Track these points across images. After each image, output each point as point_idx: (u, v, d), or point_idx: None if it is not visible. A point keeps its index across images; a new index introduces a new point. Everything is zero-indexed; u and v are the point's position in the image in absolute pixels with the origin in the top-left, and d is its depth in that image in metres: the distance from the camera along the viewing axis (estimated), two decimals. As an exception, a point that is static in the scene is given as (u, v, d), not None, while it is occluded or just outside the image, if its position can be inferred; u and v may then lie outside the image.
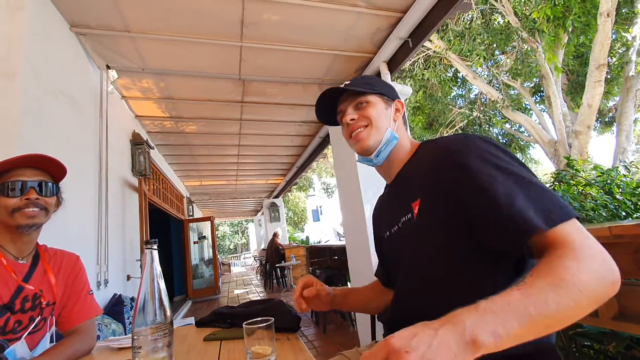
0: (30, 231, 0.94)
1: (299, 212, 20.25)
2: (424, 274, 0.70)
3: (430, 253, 0.69)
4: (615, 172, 2.40)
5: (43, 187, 0.95)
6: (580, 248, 0.50)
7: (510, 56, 6.51)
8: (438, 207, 0.68)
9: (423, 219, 0.71)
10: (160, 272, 0.73)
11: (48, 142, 1.76)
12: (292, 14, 2.25)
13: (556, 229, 0.54)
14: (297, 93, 3.42)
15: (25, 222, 0.91)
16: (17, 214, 0.90)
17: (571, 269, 0.46)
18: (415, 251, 0.72)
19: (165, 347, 0.69)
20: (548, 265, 0.49)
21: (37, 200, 0.92)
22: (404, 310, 0.76)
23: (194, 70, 2.83)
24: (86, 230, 2.20)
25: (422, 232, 0.70)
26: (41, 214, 0.94)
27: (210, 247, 7.68)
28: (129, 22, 2.18)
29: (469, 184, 0.63)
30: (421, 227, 0.71)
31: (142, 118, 3.70)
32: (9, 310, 0.87)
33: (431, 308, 0.68)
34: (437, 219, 0.68)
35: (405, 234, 0.76)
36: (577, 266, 0.47)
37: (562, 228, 0.54)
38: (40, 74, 1.72)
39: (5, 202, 0.89)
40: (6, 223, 0.91)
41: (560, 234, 0.54)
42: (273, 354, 0.73)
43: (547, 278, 0.46)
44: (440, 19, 2.26)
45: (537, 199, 0.58)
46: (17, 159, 0.92)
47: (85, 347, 0.96)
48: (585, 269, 0.47)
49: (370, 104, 0.84)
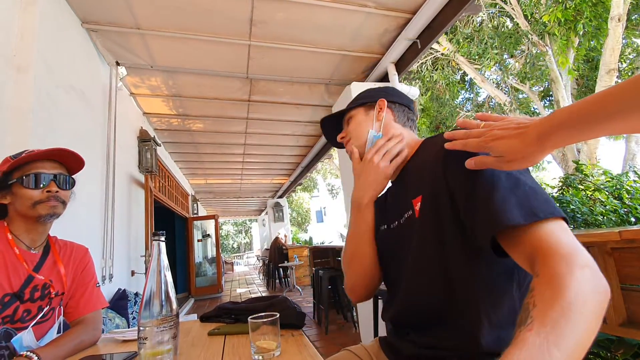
0: (50, 220, 0.97)
1: (303, 212, 20.26)
2: (426, 271, 0.70)
3: (432, 250, 0.69)
4: (625, 178, 2.37)
5: (62, 180, 0.97)
6: (570, 255, 0.46)
7: (519, 60, 6.46)
8: (439, 204, 0.68)
9: (424, 215, 0.71)
10: (168, 265, 0.73)
11: (58, 135, 1.79)
12: (300, 12, 2.25)
13: (538, 226, 0.51)
14: (303, 93, 3.43)
15: (46, 212, 0.93)
16: (39, 206, 0.92)
17: (573, 288, 0.42)
18: (418, 248, 0.72)
19: (170, 339, 0.69)
20: (547, 286, 0.45)
21: (57, 194, 0.95)
22: (408, 306, 0.75)
23: (202, 68, 2.85)
24: (93, 225, 2.23)
25: (424, 228, 0.70)
26: (61, 206, 0.96)
27: (213, 246, 7.71)
28: (139, 19, 2.20)
29: (459, 180, 0.63)
30: (423, 224, 0.71)
31: (149, 115, 3.74)
32: (19, 299, 0.89)
33: (434, 304, 0.69)
34: (438, 216, 0.68)
35: (407, 230, 0.76)
36: (578, 284, 0.43)
37: (545, 226, 0.51)
38: (51, 69, 1.75)
39: (28, 193, 0.91)
40: (26, 214, 0.93)
41: (543, 233, 0.50)
42: (277, 349, 0.73)
43: (554, 308, 0.42)
44: (449, 21, 2.25)
45: (521, 194, 0.55)
46: (42, 152, 0.94)
47: (91, 338, 0.97)
48: (585, 283, 0.44)
49: (352, 118, 0.91)
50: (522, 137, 0.51)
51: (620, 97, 0.40)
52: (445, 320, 0.67)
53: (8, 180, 0.92)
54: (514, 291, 0.63)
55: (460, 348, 0.63)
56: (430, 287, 0.70)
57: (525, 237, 0.52)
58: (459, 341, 0.64)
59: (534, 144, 0.49)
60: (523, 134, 0.51)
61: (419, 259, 0.72)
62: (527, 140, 0.50)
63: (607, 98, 0.41)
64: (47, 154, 0.95)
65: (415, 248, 0.73)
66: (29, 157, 0.93)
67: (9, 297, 0.87)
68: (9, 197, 0.93)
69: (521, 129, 0.51)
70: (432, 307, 0.70)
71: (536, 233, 0.51)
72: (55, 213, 0.95)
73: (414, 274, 0.74)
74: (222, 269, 7.61)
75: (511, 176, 0.59)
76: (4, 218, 0.95)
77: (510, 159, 0.53)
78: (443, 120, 8.68)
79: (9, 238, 0.92)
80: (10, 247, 0.91)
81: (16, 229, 0.94)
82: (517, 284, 0.63)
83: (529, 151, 0.50)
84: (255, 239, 24.91)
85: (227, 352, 0.79)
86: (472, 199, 0.60)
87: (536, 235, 0.51)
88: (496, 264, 0.62)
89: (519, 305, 0.57)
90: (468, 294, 0.64)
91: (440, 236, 0.67)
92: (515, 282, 0.63)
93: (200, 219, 7.69)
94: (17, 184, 0.91)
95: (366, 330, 2.86)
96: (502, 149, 0.53)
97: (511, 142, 0.51)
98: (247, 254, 24.39)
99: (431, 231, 0.69)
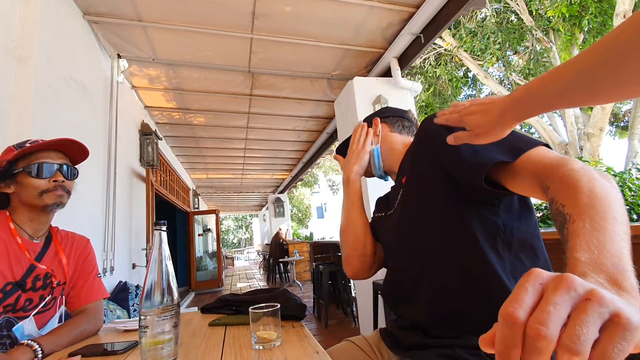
0: (56, 210, 0.97)
1: (304, 208, 20.28)
2: (415, 243, 0.77)
3: (420, 221, 0.76)
4: (628, 175, 2.36)
5: (67, 170, 0.97)
6: (563, 160, 0.52)
7: (522, 56, 6.41)
8: (422, 177, 0.77)
9: (410, 190, 0.80)
10: (169, 254, 0.73)
11: (59, 127, 1.78)
12: (303, 5, 2.23)
13: (525, 157, 0.57)
14: (305, 87, 3.41)
15: (52, 202, 0.94)
16: (45, 195, 0.92)
17: (583, 176, 0.46)
18: (407, 221, 0.80)
19: (171, 329, 0.69)
20: (563, 189, 0.48)
21: (63, 183, 0.95)
22: (400, 281, 0.82)
23: (204, 62, 2.84)
24: (94, 217, 2.23)
25: (412, 202, 0.79)
26: (66, 196, 0.97)
27: (214, 240, 7.73)
28: (141, 11, 2.19)
29: (442, 144, 0.67)
30: (410, 198, 0.80)
31: (151, 109, 3.73)
32: (21, 288, 0.89)
33: (424, 276, 0.73)
34: (423, 189, 0.76)
35: (399, 210, 0.85)
36: (584, 172, 0.47)
37: (531, 154, 0.57)
38: (53, 60, 1.74)
39: (34, 183, 0.91)
40: (31, 203, 0.93)
41: (532, 160, 0.56)
42: (278, 339, 0.73)
43: (580, 197, 0.44)
44: (453, 15, 2.23)
45: (503, 141, 0.59)
46: (48, 142, 0.94)
47: (93, 327, 0.97)
48: (587, 169, 0.48)
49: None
50: (488, 112, 0.56)
51: (565, 74, 0.43)
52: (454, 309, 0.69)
53: (13, 170, 0.92)
54: (501, 250, 0.65)
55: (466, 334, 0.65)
56: (417, 258, 0.76)
57: (519, 169, 0.58)
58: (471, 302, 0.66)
59: (497, 117, 0.54)
60: (489, 108, 0.55)
61: (406, 232, 0.80)
62: (492, 114, 0.55)
63: (553, 75, 0.45)
64: (52, 144, 0.96)
65: (405, 222, 0.81)
66: (36, 146, 0.93)
67: (11, 285, 0.87)
68: (13, 186, 0.93)
69: (489, 105, 0.56)
70: (421, 278, 0.74)
71: (527, 163, 0.57)
72: (61, 202, 0.96)
73: (402, 248, 0.82)
74: (222, 263, 7.64)
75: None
76: (6, 207, 0.95)
77: (478, 132, 0.57)
78: (445, 116, 8.61)
79: (12, 227, 0.92)
80: (12, 236, 0.91)
81: (19, 219, 0.94)
82: (502, 240, 0.65)
83: (493, 124, 0.55)
84: (256, 234, 24.95)
85: (227, 342, 0.79)
86: (458, 155, 0.66)
87: (528, 164, 0.57)
88: (482, 222, 0.66)
89: (509, 266, 0.63)
90: (455, 264, 0.68)
91: (428, 206, 0.74)
92: (500, 240, 0.65)
93: (201, 214, 7.70)
94: (22, 173, 0.91)
95: (365, 325, 2.87)
96: (472, 122, 0.58)
97: (480, 116, 0.57)
98: (247, 249, 24.45)
99: (418, 204, 0.77)
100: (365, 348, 0.87)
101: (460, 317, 0.66)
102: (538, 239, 0.68)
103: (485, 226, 0.66)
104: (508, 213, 0.67)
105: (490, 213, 0.67)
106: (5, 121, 1.48)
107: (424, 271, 0.74)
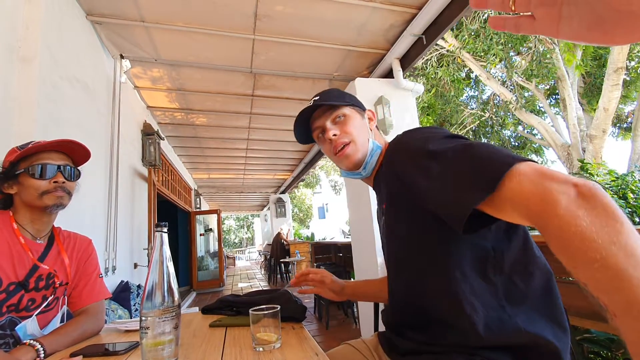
0: (56, 211, 0.98)
1: (305, 209, 20.28)
2: (403, 268, 0.77)
3: (402, 247, 0.75)
4: (631, 177, 2.35)
5: (68, 172, 0.98)
6: (543, 193, 0.43)
7: (525, 57, 6.39)
8: (400, 207, 0.73)
9: (391, 218, 0.77)
10: (170, 256, 0.74)
11: (62, 127, 1.79)
12: (306, 6, 2.24)
13: (501, 187, 0.48)
14: (307, 88, 3.42)
15: (52, 203, 0.94)
16: (46, 196, 0.93)
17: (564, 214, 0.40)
18: (392, 247, 0.79)
19: (172, 330, 0.70)
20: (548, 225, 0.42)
21: (64, 184, 0.96)
22: (396, 302, 0.81)
23: (206, 63, 2.84)
24: (96, 217, 2.24)
25: (393, 230, 0.77)
26: (67, 197, 0.98)
27: (215, 240, 7.75)
28: (144, 12, 2.20)
29: (410, 183, 0.65)
30: (392, 227, 0.78)
31: (153, 109, 3.74)
32: (23, 288, 0.89)
33: (416, 298, 0.73)
34: (402, 218, 0.74)
35: (385, 233, 0.83)
36: (565, 208, 0.40)
37: (507, 183, 0.47)
38: (56, 60, 1.75)
39: (35, 183, 0.92)
40: (32, 204, 0.93)
41: (509, 191, 0.47)
42: (278, 341, 0.73)
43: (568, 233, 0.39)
44: (455, 17, 2.22)
45: (470, 169, 0.53)
46: (49, 143, 0.95)
47: (94, 327, 0.98)
48: (568, 199, 0.41)
49: (348, 117, 0.84)
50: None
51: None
52: (434, 316, 0.69)
53: (15, 170, 0.92)
54: (491, 275, 0.63)
55: (458, 343, 0.64)
56: (412, 284, 0.74)
57: (499, 202, 0.50)
58: (456, 335, 0.65)
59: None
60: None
61: (394, 257, 0.79)
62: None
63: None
64: (54, 145, 0.96)
65: (392, 247, 0.80)
66: (36, 147, 0.93)
67: (14, 286, 0.88)
68: (16, 187, 0.93)
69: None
70: (414, 301, 0.74)
71: (503, 194, 0.48)
72: (62, 204, 0.96)
73: (393, 271, 0.81)
74: (224, 263, 7.65)
75: (449, 156, 0.58)
76: (9, 208, 0.96)
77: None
78: (447, 117, 8.62)
79: (15, 228, 0.92)
80: (15, 236, 0.92)
81: (21, 219, 0.95)
82: (493, 267, 0.63)
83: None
84: (257, 234, 24.99)
85: (228, 343, 0.79)
86: (432, 197, 0.59)
87: (505, 195, 0.48)
88: (470, 249, 0.64)
89: (502, 290, 0.62)
90: (446, 283, 0.65)
91: (406, 233, 0.73)
92: (490, 265, 0.63)
93: (202, 214, 7.71)
94: (24, 174, 0.92)
95: (366, 326, 2.87)
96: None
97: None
98: (248, 249, 24.47)
99: (400, 231, 0.75)
100: (364, 351, 0.88)
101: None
102: (532, 250, 0.65)
103: (473, 254, 0.64)
104: (497, 233, 0.64)
105: (480, 238, 0.63)
106: (8, 121, 1.48)
107: (409, 296, 0.75)
